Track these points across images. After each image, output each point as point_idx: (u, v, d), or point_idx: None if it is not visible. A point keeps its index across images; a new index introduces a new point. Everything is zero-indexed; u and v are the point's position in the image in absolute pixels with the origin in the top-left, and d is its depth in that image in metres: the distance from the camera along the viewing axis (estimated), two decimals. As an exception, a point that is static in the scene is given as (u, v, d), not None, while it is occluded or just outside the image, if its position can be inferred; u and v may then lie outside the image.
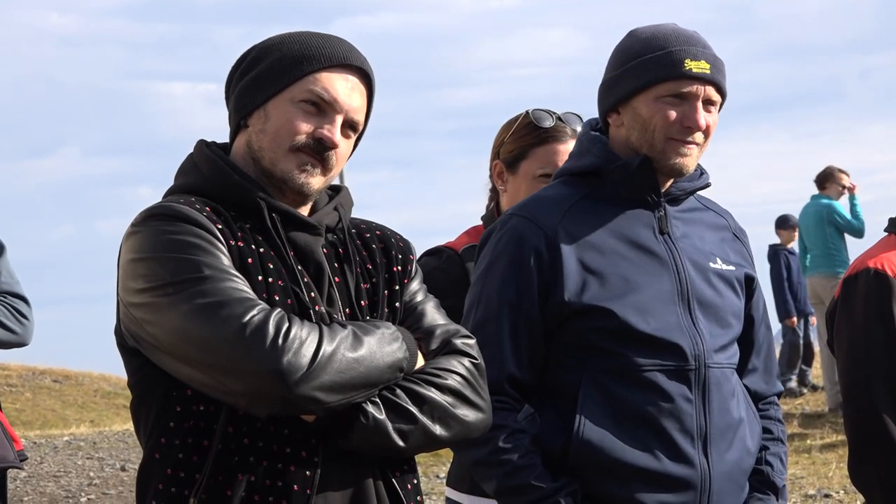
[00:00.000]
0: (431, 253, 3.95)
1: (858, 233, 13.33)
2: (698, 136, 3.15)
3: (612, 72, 3.22)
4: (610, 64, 3.24)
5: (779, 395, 3.40)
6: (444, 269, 3.85)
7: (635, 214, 3.20)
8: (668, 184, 3.23)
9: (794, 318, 14.69)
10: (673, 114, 3.12)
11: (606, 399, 3.08)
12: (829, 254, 13.29)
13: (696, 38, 3.18)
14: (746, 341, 3.31)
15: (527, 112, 3.90)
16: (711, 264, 3.23)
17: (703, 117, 3.13)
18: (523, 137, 3.89)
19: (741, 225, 3.41)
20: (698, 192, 3.33)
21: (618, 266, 3.13)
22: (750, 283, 3.33)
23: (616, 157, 3.18)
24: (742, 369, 3.29)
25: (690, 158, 3.16)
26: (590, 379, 3.09)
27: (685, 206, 3.29)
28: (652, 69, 3.13)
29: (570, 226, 3.15)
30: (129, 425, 16.09)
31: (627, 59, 3.18)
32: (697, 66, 3.12)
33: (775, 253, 14.58)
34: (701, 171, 3.29)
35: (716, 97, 3.16)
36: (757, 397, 3.32)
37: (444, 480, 10.50)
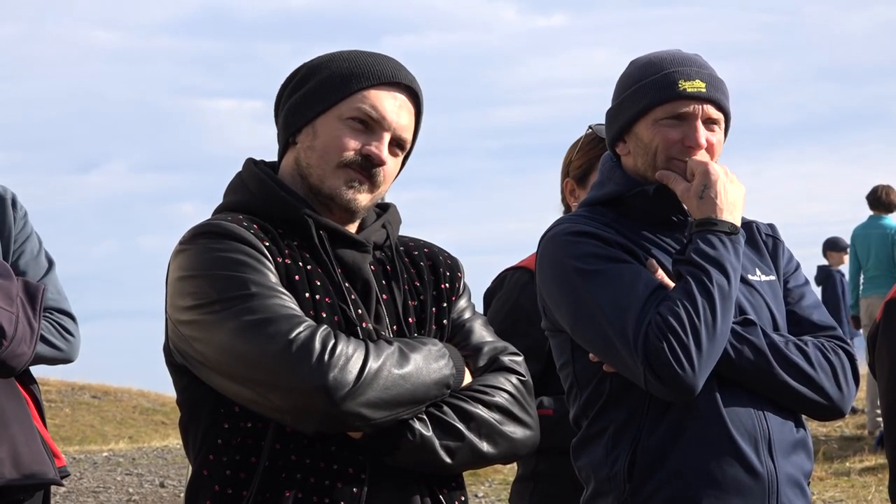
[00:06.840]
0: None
1: None
2: (702, 156, 3.12)
3: (614, 101, 3.24)
4: (613, 94, 3.26)
5: (835, 337, 3.22)
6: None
7: (665, 234, 3.20)
8: None
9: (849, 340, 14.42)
10: (673, 135, 3.12)
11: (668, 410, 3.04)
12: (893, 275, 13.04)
13: (693, 59, 3.17)
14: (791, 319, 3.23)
15: (589, 127, 3.94)
16: (750, 276, 3.21)
17: (703, 136, 3.11)
18: (589, 151, 3.93)
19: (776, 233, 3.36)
20: None
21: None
22: (786, 285, 3.28)
23: (636, 182, 3.18)
24: (798, 332, 3.21)
25: None
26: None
27: None
28: (648, 93, 3.14)
29: None
30: (168, 442, 16.13)
31: (626, 86, 3.20)
32: (692, 86, 3.12)
33: (829, 274, 14.40)
34: None
35: (716, 115, 3.15)
36: (814, 328, 3.23)
37: (483, 499, 10.50)
